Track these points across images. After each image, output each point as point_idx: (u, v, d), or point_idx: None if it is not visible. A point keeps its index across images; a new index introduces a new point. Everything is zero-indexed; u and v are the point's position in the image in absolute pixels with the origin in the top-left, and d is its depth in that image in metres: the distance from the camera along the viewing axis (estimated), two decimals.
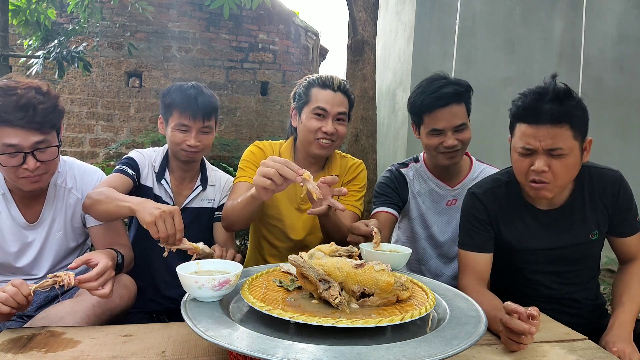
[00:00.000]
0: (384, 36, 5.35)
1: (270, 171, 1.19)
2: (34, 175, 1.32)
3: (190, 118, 1.62)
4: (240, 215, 1.46)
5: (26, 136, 1.27)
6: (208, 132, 1.68)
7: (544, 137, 1.26)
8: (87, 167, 1.60)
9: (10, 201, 1.43)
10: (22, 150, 1.27)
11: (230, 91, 5.73)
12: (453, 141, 1.63)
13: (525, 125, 1.29)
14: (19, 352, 1.00)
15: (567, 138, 1.26)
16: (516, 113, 1.33)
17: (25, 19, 4.21)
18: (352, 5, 3.28)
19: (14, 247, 1.44)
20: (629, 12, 4.69)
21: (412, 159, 1.91)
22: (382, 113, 5.24)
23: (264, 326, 0.91)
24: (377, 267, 0.98)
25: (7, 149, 1.26)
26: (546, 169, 1.28)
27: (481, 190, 1.50)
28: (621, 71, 4.68)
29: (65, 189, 1.52)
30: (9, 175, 1.34)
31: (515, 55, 4.55)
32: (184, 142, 1.64)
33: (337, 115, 1.64)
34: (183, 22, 5.56)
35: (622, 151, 4.72)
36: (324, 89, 1.64)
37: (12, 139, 1.25)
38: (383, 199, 1.80)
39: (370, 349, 0.78)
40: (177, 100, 1.63)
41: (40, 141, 1.29)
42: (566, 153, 1.26)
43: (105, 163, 5.06)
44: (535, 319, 1.00)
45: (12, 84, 1.28)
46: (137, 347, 1.04)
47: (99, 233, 1.53)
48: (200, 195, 1.78)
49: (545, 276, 1.47)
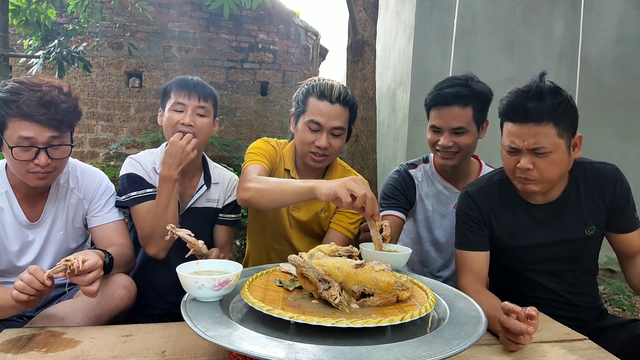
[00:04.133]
0: (384, 36, 5.35)
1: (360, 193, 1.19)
2: (43, 172, 1.33)
3: (185, 95, 1.60)
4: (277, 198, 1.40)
5: (42, 131, 1.29)
6: (204, 115, 1.63)
7: (526, 137, 1.27)
8: (89, 169, 1.61)
9: (12, 199, 1.44)
10: (36, 145, 1.30)
11: (230, 91, 5.73)
12: (447, 142, 1.63)
13: (511, 124, 1.32)
14: (19, 352, 1.00)
15: (551, 136, 1.26)
16: (502, 111, 1.36)
17: (25, 19, 4.21)
18: (352, 5, 3.28)
19: (15, 246, 1.44)
20: (628, 12, 4.69)
21: (421, 160, 1.88)
22: (382, 113, 5.24)
23: (264, 326, 0.91)
24: (377, 267, 0.98)
25: (22, 141, 1.28)
26: (531, 167, 1.29)
27: (474, 189, 1.51)
28: (621, 71, 4.69)
29: (68, 188, 1.53)
30: (18, 169, 1.34)
31: (515, 55, 4.55)
32: (179, 122, 1.58)
33: (332, 130, 1.59)
34: (183, 22, 5.56)
35: (622, 151, 4.72)
36: (321, 100, 1.57)
37: (28, 132, 1.28)
38: (391, 202, 1.78)
39: (370, 349, 0.78)
40: (174, 83, 1.63)
41: (55, 137, 1.32)
42: (550, 151, 1.27)
43: (105, 163, 5.06)
44: (533, 319, 1.00)
45: (35, 80, 1.31)
46: (137, 347, 1.04)
47: (101, 233, 1.54)
48: (204, 195, 1.73)
49: (541, 276, 1.46)
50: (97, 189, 1.57)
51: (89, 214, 1.55)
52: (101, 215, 1.55)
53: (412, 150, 4.43)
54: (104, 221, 1.55)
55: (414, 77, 4.46)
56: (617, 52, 4.67)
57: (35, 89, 1.28)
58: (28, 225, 1.46)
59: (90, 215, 1.55)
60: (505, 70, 4.49)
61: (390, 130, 5.12)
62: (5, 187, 1.43)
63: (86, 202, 1.55)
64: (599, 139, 4.63)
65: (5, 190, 1.43)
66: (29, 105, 1.26)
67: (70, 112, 1.34)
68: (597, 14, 4.58)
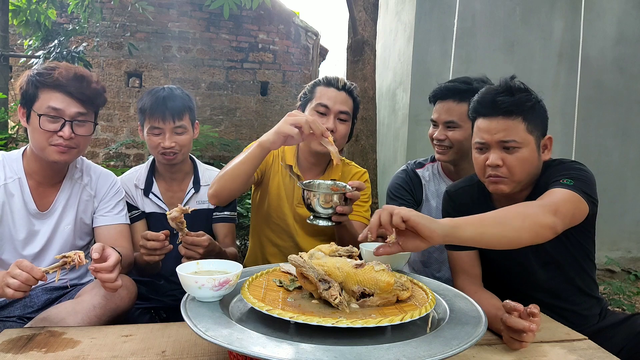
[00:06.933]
0: (384, 36, 5.35)
1: (301, 120, 1.31)
2: (65, 145, 1.38)
3: (160, 120, 1.63)
4: (236, 173, 1.42)
5: (71, 105, 1.38)
6: (182, 132, 1.67)
7: (496, 130, 1.28)
8: (104, 170, 1.65)
9: (25, 187, 1.45)
10: (63, 117, 1.37)
11: (230, 91, 5.72)
12: (440, 135, 1.68)
13: (481, 119, 1.33)
14: (19, 352, 1.00)
15: (520, 131, 1.27)
16: (472, 108, 1.37)
17: (26, 19, 4.21)
18: (352, 5, 3.28)
19: (22, 234, 1.45)
20: (628, 12, 4.69)
21: (429, 159, 1.89)
22: (382, 113, 5.23)
23: (264, 326, 0.91)
24: (377, 267, 0.98)
25: (50, 111, 1.36)
26: (500, 162, 1.28)
27: (454, 189, 1.52)
28: (621, 71, 4.69)
29: (81, 184, 1.55)
30: (41, 141, 1.38)
31: (515, 55, 4.55)
32: (159, 144, 1.64)
33: (339, 114, 1.63)
34: (183, 22, 5.56)
35: (622, 151, 4.72)
36: (328, 87, 1.65)
37: (58, 103, 1.36)
38: (398, 202, 1.78)
39: (370, 349, 0.78)
40: (147, 104, 1.65)
41: (81, 113, 1.40)
42: (519, 146, 1.27)
43: (105, 163, 5.06)
44: (535, 316, 1.00)
45: (71, 65, 1.46)
46: (137, 347, 1.04)
47: (107, 233, 1.55)
48: (194, 197, 1.77)
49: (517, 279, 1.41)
50: (110, 189, 1.60)
51: (96, 213, 1.57)
52: (110, 216, 1.57)
53: (412, 150, 4.42)
54: (112, 222, 1.57)
55: (414, 77, 4.46)
56: (617, 52, 4.67)
57: (71, 69, 1.41)
58: (37, 214, 1.46)
59: (98, 214, 1.57)
60: (505, 70, 4.47)
61: (390, 130, 5.12)
62: (19, 174, 1.45)
63: (96, 200, 1.57)
64: (599, 139, 4.63)
65: (18, 176, 1.45)
66: (63, 77, 1.37)
67: (98, 93, 1.45)
68: (597, 14, 4.58)
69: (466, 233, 1.03)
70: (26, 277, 1.09)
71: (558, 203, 1.16)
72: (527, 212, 1.12)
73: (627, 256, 4.82)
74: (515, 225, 1.08)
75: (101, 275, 1.14)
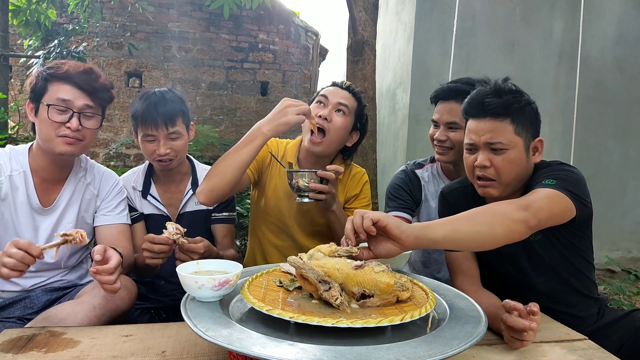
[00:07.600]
0: (384, 36, 5.35)
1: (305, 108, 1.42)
2: (72, 137, 1.40)
3: (153, 127, 1.60)
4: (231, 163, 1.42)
5: (79, 97, 1.41)
6: (176, 137, 1.64)
7: (483, 131, 1.28)
8: (107, 170, 1.65)
9: (29, 181, 1.45)
10: (72, 108, 1.39)
11: (230, 91, 5.72)
12: (441, 135, 1.68)
13: (470, 120, 1.33)
14: (19, 352, 1.00)
15: (508, 133, 1.27)
16: (463, 109, 1.37)
17: (26, 19, 4.21)
18: (352, 5, 3.28)
19: (23, 228, 1.45)
20: (628, 12, 4.69)
21: (429, 159, 1.89)
22: (382, 113, 5.24)
23: (264, 326, 0.91)
24: (377, 268, 0.98)
25: (59, 102, 1.38)
26: (487, 163, 1.28)
27: (448, 190, 1.52)
28: (621, 71, 4.69)
29: (84, 183, 1.56)
30: (48, 132, 1.39)
31: (514, 55, 4.56)
32: (154, 151, 1.62)
33: (338, 106, 1.64)
34: (183, 22, 5.56)
35: (622, 151, 4.72)
36: (332, 87, 1.71)
37: (67, 94, 1.39)
38: (397, 203, 1.78)
39: (370, 349, 0.78)
40: (139, 111, 1.62)
41: (89, 106, 1.43)
42: (506, 148, 1.27)
43: (105, 163, 5.06)
44: (535, 315, 1.00)
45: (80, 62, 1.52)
46: (137, 347, 1.04)
47: (108, 232, 1.55)
48: (192, 198, 1.76)
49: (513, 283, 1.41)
50: (112, 189, 1.60)
51: (98, 212, 1.57)
52: (111, 216, 1.57)
53: (412, 150, 4.42)
54: (113, 222, 1.57)
55: (414, 77, 4.46)
56: (617, 52, 4.67)
57: (80, 63, 1.46)
58: (39, 209, 1.47)
59: (100, 213, 1.57)
60: (505, 70, 4.48)
61: (390, 130, 5.12)
62: (25, 168, 1.46)
63: (99, 199, 1.57)
64: (599, 139, 4.63)
65: (23, 170, 1.45)
66: (73, 69, 1.41)
67: (106, 88, 1.48)
68: (597, 14, 4.58)
69: (437, 233, 1.02)
70: (22, 256, 1.08)
71: (531, 199, 1.16)
72: (498, 208, 1.13)
73: (627, 256, 4.82)
74: (486, 221, 1.08)
75: (101, 277, 1.13)
